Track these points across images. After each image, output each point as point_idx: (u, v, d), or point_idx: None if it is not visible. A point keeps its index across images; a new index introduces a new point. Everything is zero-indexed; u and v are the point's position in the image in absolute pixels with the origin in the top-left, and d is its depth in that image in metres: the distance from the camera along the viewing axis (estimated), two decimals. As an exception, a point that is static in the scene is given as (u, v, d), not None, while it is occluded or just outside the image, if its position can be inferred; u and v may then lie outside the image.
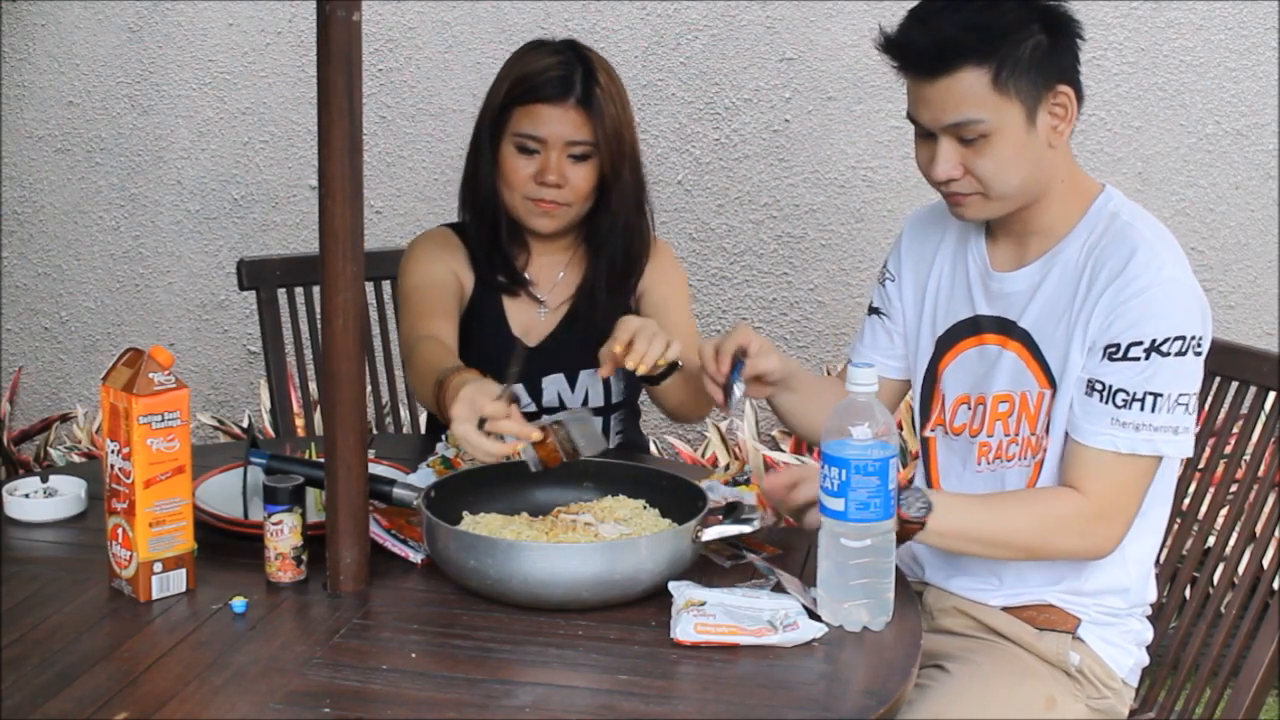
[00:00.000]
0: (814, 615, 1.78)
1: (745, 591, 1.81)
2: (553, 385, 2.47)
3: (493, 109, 2.41)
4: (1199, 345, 1.96)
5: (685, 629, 1.71)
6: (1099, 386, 1.96)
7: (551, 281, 2.51)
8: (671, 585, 1.80)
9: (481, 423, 1.92)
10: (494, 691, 1.64)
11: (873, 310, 2.27)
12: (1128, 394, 1.94)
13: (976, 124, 1.95)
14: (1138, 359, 1.94)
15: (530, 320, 2.49)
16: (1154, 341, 1.94)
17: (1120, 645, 2.10)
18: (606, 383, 2.48)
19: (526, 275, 2.49)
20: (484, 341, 2.45)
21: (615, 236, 2.45)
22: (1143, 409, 1.94)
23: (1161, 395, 1.94)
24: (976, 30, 1.94)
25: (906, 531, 1.86)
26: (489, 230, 2.46)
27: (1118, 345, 1.95)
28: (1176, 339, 1.94)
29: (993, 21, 1.95)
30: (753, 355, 2.12)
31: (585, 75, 2.36)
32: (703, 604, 1.75)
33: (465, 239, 2.50)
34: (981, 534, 1.96)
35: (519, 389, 2.39)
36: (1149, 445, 1.95)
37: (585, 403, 2.47)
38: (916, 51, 1.97)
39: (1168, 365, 1.94)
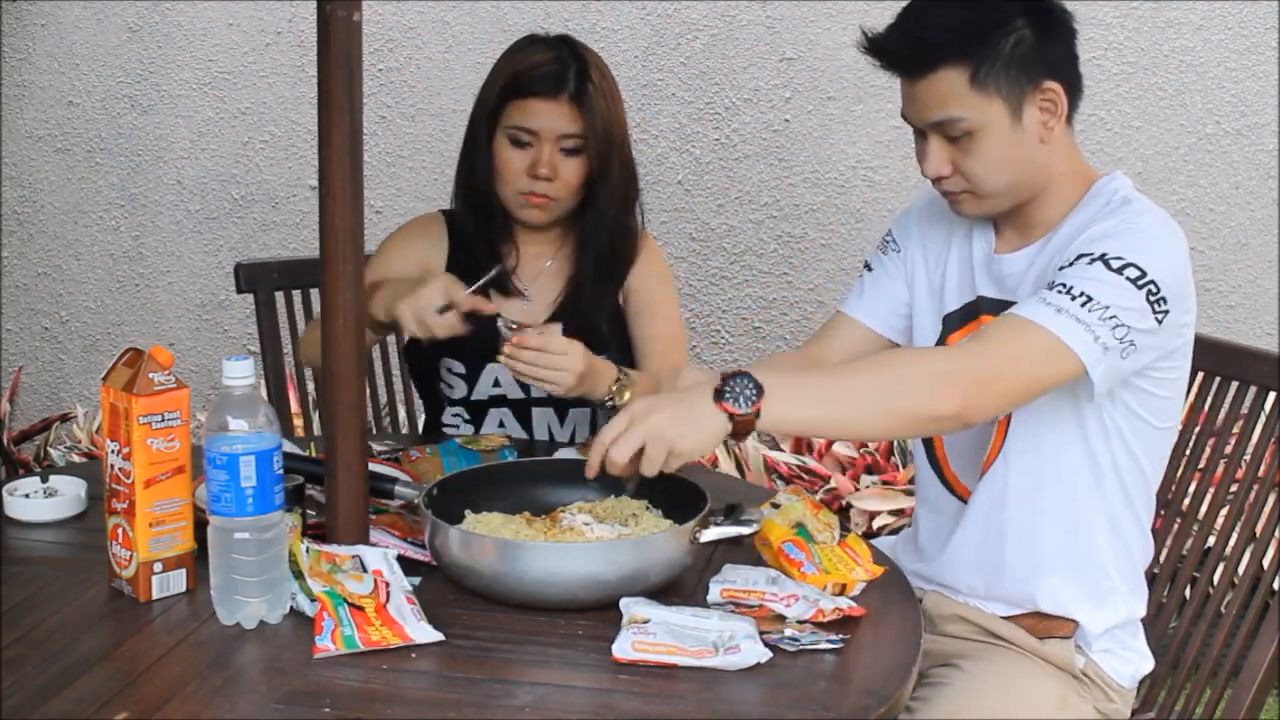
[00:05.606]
0: (767, 642, 1.71)
1: (695, 611, 1.76)
2: None
3: (488, 103, 2.45)
4: (1155, 291, 1.85)
5: (623, 646, 1.69)
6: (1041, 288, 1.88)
7: (536, 272, 2.55)
8: (623, 602, 1.78)
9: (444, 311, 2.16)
10: (494, 691, 1.64)
11: (868, 267, 2.24)
12: (1064, 286, 1.84)
13: (958, 122, 1.93)
14: (1079, 263, 1.86)
15: (515, 312, 2.51)
16: (1103, 254, 1.85)
17: (1119, 654, 2.10)
18: None
19: (512, 267, 2.53)
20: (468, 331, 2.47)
21: (602, 231, 2.49)
22: (1072, 299, 1.82)
23: (1094, 299, 1.82)
24: (954, 30, 1.91)
25: (742, 427, 1.74)
26: (483, 224, 2.51)
27: (1068, 258, 1.89)
28: (1130, 264, 1.84)
29: (972, 19, 1.92)
30: None
31: (579, 71, 2.41)
32: (646, 621, 1.72)
33: (452, 227, 2.56)
34: (829, 409, 1.80)
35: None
36: (1062, 327, 1.80)
37: None
38: (895, 54, 1.96)
39: (1113, 280, 1.84)
